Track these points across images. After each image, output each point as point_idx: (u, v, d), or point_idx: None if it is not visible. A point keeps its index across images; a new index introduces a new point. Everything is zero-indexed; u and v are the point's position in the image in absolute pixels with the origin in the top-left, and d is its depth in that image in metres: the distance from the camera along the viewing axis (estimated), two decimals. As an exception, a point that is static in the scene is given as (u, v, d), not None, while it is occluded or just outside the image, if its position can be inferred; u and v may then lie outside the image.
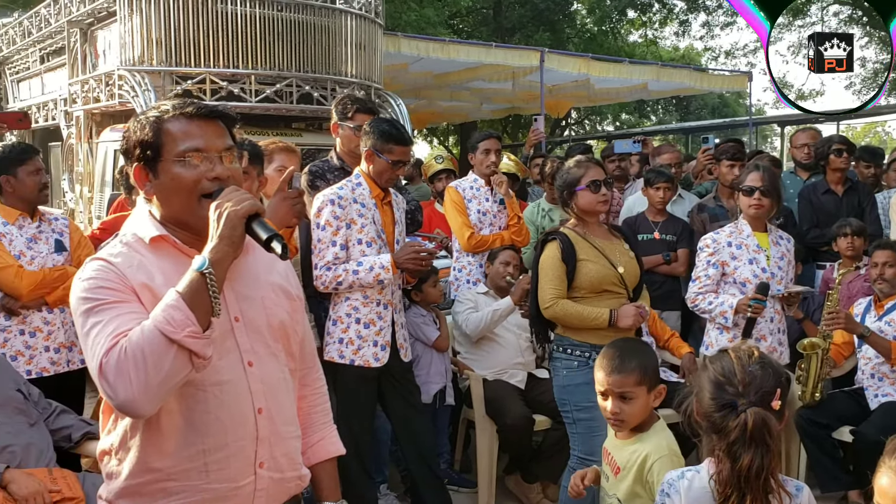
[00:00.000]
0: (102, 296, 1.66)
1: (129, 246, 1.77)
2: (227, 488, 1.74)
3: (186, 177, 1.73)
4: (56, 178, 8.87)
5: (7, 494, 2.86)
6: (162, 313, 1.57)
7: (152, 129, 1.76)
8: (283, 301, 1.90)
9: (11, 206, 3.87)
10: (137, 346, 1.56)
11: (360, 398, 3.73)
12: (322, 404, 2.11)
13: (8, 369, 3.39)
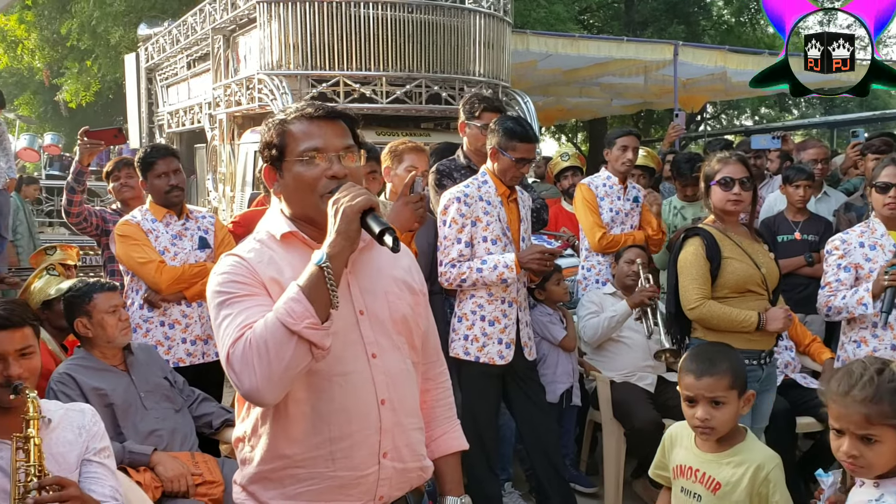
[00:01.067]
0: (234, 289, 1.75)
1: (261, 242, 1.86)
2: (352, 476, 1.79)
3: (307, 175, 1.80)
4: (201, 178, 9.38)
5: (154, 475, 3.04)
6: (283, 306, 1.64)
7: (277, 130, 1.85)
8: (406, 295, 1.93)
9: (159, 203, 4.10)
10: (261, 337, 1.64)
11: (484, 395, 3.74)
12: (446, 399, 2.12)
13: (157, 358, 3.60)
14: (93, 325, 3.27)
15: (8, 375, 2.27)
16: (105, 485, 2.41)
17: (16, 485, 2.15)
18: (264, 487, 1.83)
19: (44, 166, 14.49)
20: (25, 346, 2.33)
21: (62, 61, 18.43)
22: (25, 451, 2.18)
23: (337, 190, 1.75)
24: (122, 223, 4.02)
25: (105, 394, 3.18)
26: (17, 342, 2.31)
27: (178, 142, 10.29)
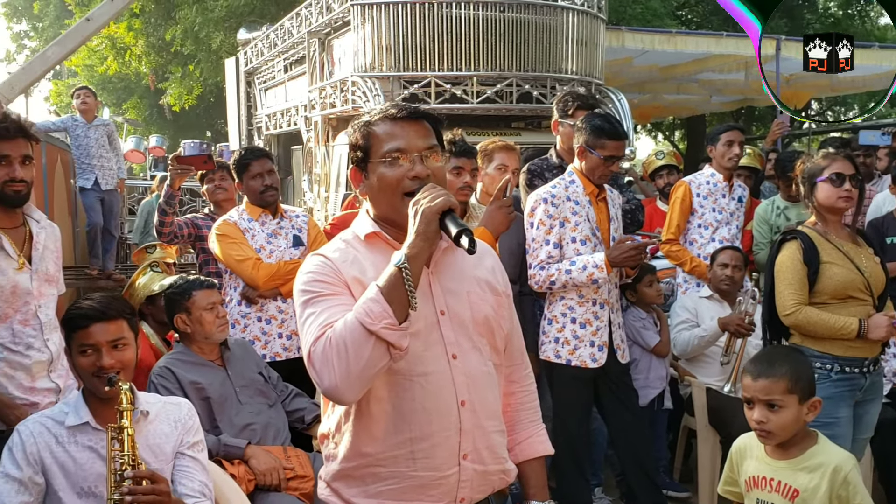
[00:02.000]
0: (318, 288, 1.78)
1: (347, 242, 1.89)
2: (433, 477, 1.79)
3: (390, 176, 1.82)
4: (297, 179, 9.59)
5: (248, 468, 3.12)
6: (362, 306, 1.66)
7: (362, 132, 1.87)
8: (489, 296, 1.92)
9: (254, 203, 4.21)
10: (340, 336, 1.66)
11: (575, 399, 3.69)
12: (531, 402, 2.10)
13: (252, 353, 3.69)
14: (191, 321, 3.37)
15: (100, 366, 2.35)
16: (195, 479, 2.48)
17: (111, 472, 2.23)
18: (347, 484, 1.85)
19: (149, 167, 15.11)
20: (119, 338, 2.40)
21: (167, 66, 19.21)
22: (120, 441, 2.26)
23: (419, 191, 1.75)
24: (221, 223, 4.14)
25: (202, 387, 3.28)
26: (111, 334, 2.39)
27: (275, 144, 10.55)
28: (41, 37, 25.48)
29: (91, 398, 2.44)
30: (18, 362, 2.90)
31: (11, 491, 2.31)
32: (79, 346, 2.39)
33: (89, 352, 2.38)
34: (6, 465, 2.34)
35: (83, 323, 2.38)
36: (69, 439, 2.39)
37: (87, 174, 7.86)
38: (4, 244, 2.89)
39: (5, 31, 28.65)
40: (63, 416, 2.42)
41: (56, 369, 3.03)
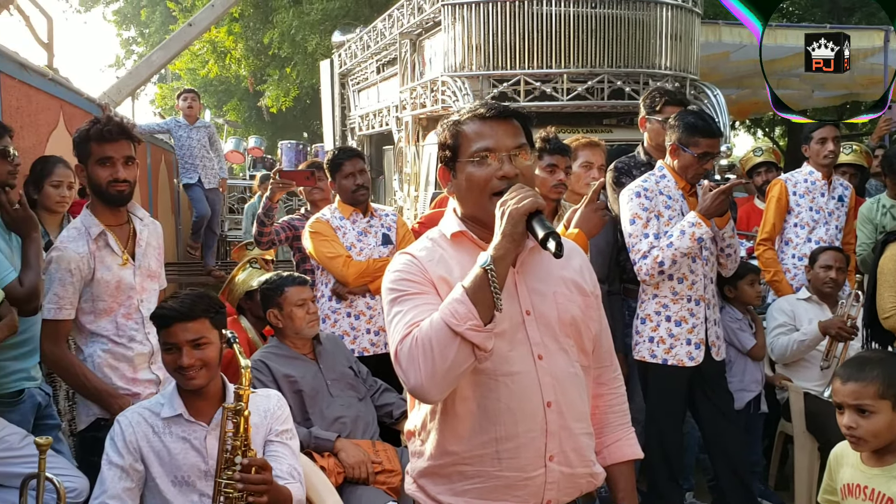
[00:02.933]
0: (405, 287, 1.80)
1: (433, 241, 1.90)
2: (518, 478, 1.78)
3: (478, 175, 1.81)
4: (388, 179, 9.72)
5: (337, 461, 3.19)
6: (448, 307, 1.66)
7: (451, 131, 1.88)
8: (576, 297, 1.90)
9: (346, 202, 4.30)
10: (426, 335, 1.67)
11: (670, 400, 3.61)
12: (620, 405, 2.07)
13: (343, 348, 3.78)
14: (283, 316, 3.47)
15: (180, 365, 2.45)
16: (284, 462, 2.55)
17: (222, 452, 2.32)
18: (433, 482, 1.86)
19: (248, 167, 15.58)
20: (199, 337, 2.48)
21: (265, 69, 19.76)
22: (235, 424, 2.34)
23: (507, 191, 1.75)
24: (314, 220, 4.26)
25: (295, 380, 3.37)
26: (191, 333, 2.47)
27: (367, 144, 10.71)
28: (147, 42, 26.58)
29: (184, 392, 2.55)
30: (122, 354, 3.04)
31: (115, 477, 2.43)
32: (163, 344, 2.51)
33: (172, 350, 2.48)
34: (109, 453, 2.47)
35: (166, 322, 2.48)
36: (164, 430, 2.50)
37: (190, 173, 8.19)
38: (110, 241, 3.04)
39: (115, 37, 29.84)
40: (159, 408, 2.53)
41: (156, 361, 3.16)
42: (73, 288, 2.96)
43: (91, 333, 3.03)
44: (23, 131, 4.20)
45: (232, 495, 2.25)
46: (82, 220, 3.06)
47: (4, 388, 3.05)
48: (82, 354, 3.04)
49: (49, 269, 2.97)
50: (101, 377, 2.99)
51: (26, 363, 3.14)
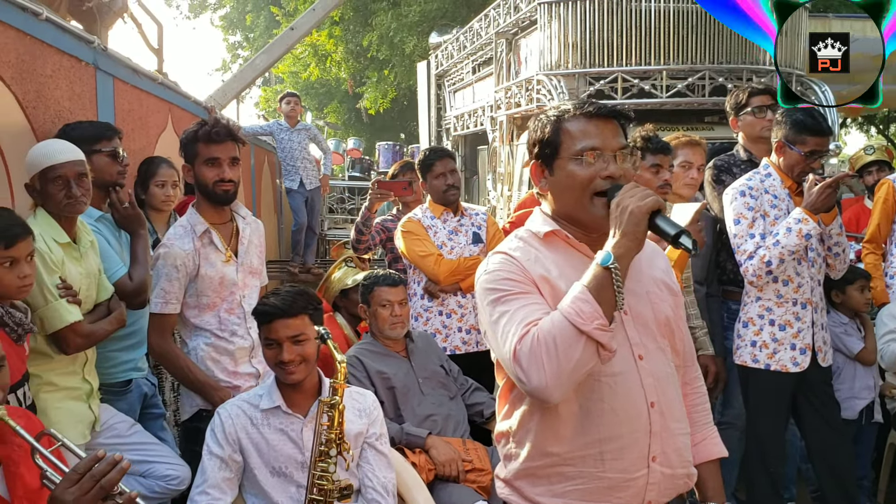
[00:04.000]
0: (508, 287, 1.77)
1: (523, 240, 1.88)
2: (621, 479, 1.76)
3: (581, 174, 1.78)
4: (482, 179, 9.74)
5: (428, 458, 3.22)
6: (571, 305, 1.63)
7: (553, 128, 1.84)
8: (667, 296, 1.88)
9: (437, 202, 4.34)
10: (549, 334, 1.63)
11: (773, 407, 3.48)
12: (703, 403, 2.05)
13: (435, 347, 3.81)
14: (370, 313, 3.54)
15: (280, 360, 2.52)
16: (379, 475, 2.61)
17: (317, 445, 2.38)
18: (531, 483, 1.84)
19: (347, 168, 15.90)
20: (299, 333, 2.55)
21: (364, 72, 20.11)
22: (329, 417, 2.40)
23: (612, 191, 1.72)
24: (406, 220, 4.32)
25: (388, 377, 3.42)
26: (292, 330, 2.55)
27: (462, 144, 10.76)
28: (252, 46, 27.40)
29: (284, 385, 2.62)
30: (224, 348, 3.15)
31: (215, 467, 2.53)
32: (264, 339, 2.59)
33: (273, 345, 2.55)
34: (209, 444, 2.57)
35: (267, 318, 2.56)
36: (263, 421, 2.58)
37: (292, 175, 8.42)
38: (214, 239, 3.15)
39: (222, 42, 30.89)
40: (258, 400, 2.62)
41: (257, 355, 3.26)
42: (178, 283, 3.08)
43: (195, 327, 3.15)
44: (134, 133, 4.41)
45: (326, 487, 2.30)
46: (188, 219, 3.18)
47: (113, 377, 3.21)
48: (186, 347, 3.17)
49: (156, 265, 3.11)
50: (204, 370, 3.11)
51: (134, 354, 3.30)
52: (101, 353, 3.08)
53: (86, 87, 3.76)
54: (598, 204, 1.74)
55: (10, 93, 3.03)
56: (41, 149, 2.83)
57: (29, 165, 2.80)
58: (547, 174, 1.86)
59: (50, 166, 2.77)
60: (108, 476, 1.68)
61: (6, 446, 1.91)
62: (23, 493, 1.88)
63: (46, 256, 2.69)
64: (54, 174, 2.77)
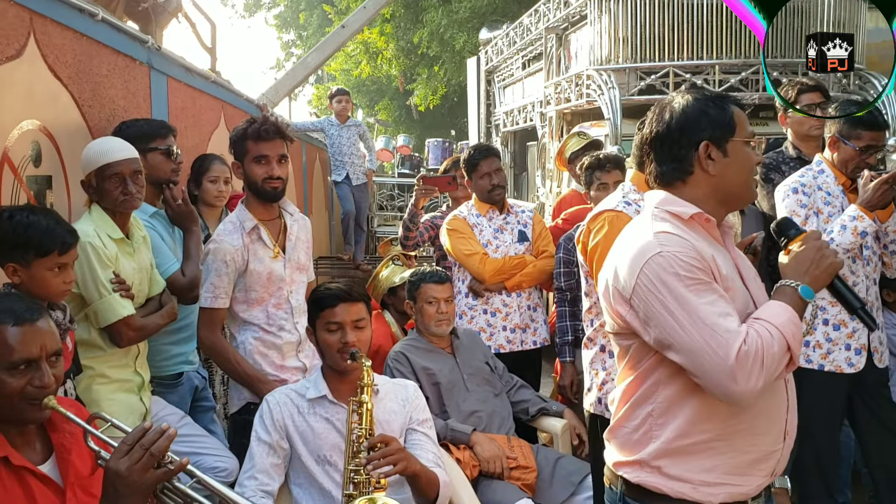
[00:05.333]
0: (700, 275, 1.79)
1: (671, 224, 1.88)
2: (767, 452, 1.86)
3: (752, 158, 1.93)
4: (531, 175, 9.70)
5: (473, 454, 3.22)
6: (787, 327, 1.75)
7: (728, 110, 1.92)
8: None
9: (483, 200, 4.33)
10: (770, 345, 1.72)
11: (827, 409, 3.40)
12: None
13: (480, 343, 3.81)
14: (416, 310, 3.55)
15: (345, 342, 2.56)
16: (427, 450, 2.64)
17: (350, 443, 2.42)
18: (676, 461, 1.86)
19: (396, 165, 15.98)
20: (360, 318, 2.62)
21: (414, 68, 20.16)
22: (359, 414, 2.44)
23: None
24: (452, 218, 4.32)
25: (433, 373, 3.43)
26: (354, 314, 2.61)
27: (511, 141, 10.72)
28: (305, 45, 27.70)
29: (329, 374, 2.66)
30: (271, 342, 3.20)
31: (263, 453, 2.58)
32: (325, 324, 2.62)
33: (335, 329, 2.59)
34: (258, 430, 2.62)
35: (331, 302, 2.61)
36: (309, 410, 2.62)
37: (339, 170, 8.53)
38: (262, 235, 3.20)
39: (276, 40, 31.33)
40: (304, 390, 2.66)
41: (304, 350, 3.30)
42: (227, 278, 3.14)
43: (244, 322, 3.21)
44: (187, 131, 4.50)
45: (359, 479, 2.34)
46: (237, 215, 3.24)
47: (165, 370, 3.29)
48: (235, 341, 3.22)
49: (206, 260, 3.17)
50: (252, 363, 3.16)
51: (185, 348, 3.37)
52: (153, 346, 3.16)
53: (140, 86, 3.85)
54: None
55: (68, 92, 3.12)
56: (98, 147, 2.91)
57: (85, 163, 2.88)
58: (715, 155, 1.89)
59: (106, 164, 2.85)
60: (157, 444, 1.75)
61: (57, 434, 1.98)
62: (74, 479, 1.94)
63: (101, 252, 2.76)
64: (111, 172, 2.85)
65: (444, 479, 2.57)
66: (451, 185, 4.89)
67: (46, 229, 2.40)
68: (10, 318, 1.86)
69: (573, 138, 5.80)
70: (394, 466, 2.36)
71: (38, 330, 1.90)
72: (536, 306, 4.25)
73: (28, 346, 1.86)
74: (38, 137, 2.90)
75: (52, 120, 2.99)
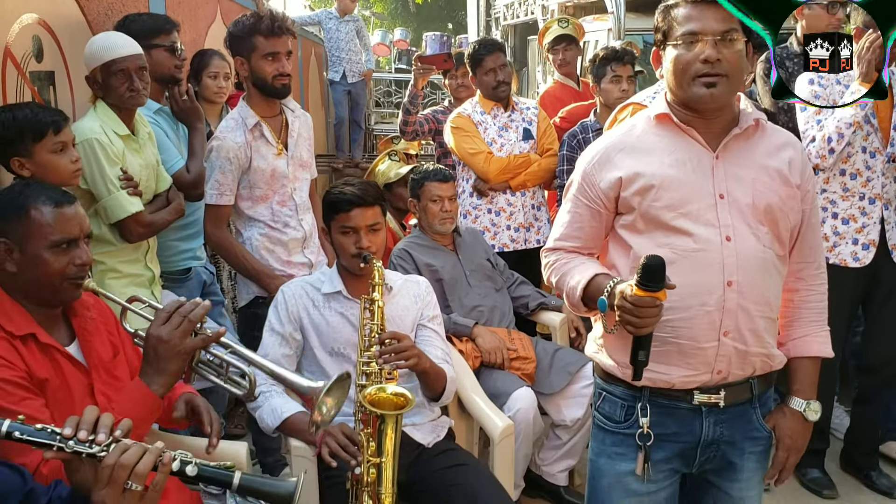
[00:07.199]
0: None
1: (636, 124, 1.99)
2: (690, 346, 1.87)
3: (683, 58, 1.84)
4: (532, 71, 9.56)
5: (475, 346, 3.33)
6: (569, 286, 2.00)
7: (662, 14, 1.92)
8: (778, 186, 1.90)
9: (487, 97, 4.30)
10: (559, 280, 2.06)
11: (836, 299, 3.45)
12: (817, 302, 2.06)
13: (481, 241, 3.86)
14: (420, 208, 3.58)
15: (360, 247, 2.60)
16: (436, 346, 2.74)
17: (362, 338, 2.50)
18: (610, 343, 1.99)
19: (393, 60, 15.68)
20: (375, 222, 2.64)
21: (411, -41, 19.50)
22: (371, 311, 2.52)
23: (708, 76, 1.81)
24: (456, 115, 4.28)
25: (436, 269, 3.50)
26: (369, 218, 2.63)
27: (511, 34, 10.53)
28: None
29: (344, 272, 2.72)
30: (277, 238, 3.25)
31: (275, 343, 2.66)
32: (340, 227, 2.64)
33: (350, 233, 2.63)
34: (271, 321, 2.70)
35: (346, 207, 2.62)
36: (324, 304, 2.69)
37: (336, 67, 8.36)
38: (265, 132, 3.20)
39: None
40: (320, 283, 2.73)
41: (309, 246, 3.36)
42: (231, 175, 3.16)
43: (249, 218, 3.25)
44: (183, 26, 4.41)
45: (370, 370, 2.43)
46: (239, 112, 3.23)
47: (174, 266, 3.35)
48: (241, 237, 3.27)
49: (210, 157, 3.18)
50: (259, 259, 3.22)
51: (192, 244, 3.42)
52: (162, 242, 3.20)
53: (136, -21, 3.76)
54: (699, 86, 1.81)
55: (65, -15, 3.06)
56: (102, 42, 2.87)
57: (89, 58, 2.85)
58: (663, 60, 1.92)
59: (112, 60, 2.82)
60: (194, 311, 1.91)
61: (79, 319, 2.07)
62: (98, 361, 2.04)
63: (108, 148, 2.77)
64: (116, 68, 2.82)
65: (451, 375, 2.67)
66: (448, 61, 4.84)
67: (34, 114, 2.42)
68: (49, 200, 1.95)
69: (554, 24, 5.57)
70: (405, 362, 2.45)
71: (75, 210, 2.00)
72: (540, 205, 4.27)
73: (68, 226, 1.96)
74: (39, 32, 2.87)
75: (51, 13, 2.94)
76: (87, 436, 1.34)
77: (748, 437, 1.98)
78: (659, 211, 1.86)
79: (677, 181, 1.86)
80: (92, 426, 1.35)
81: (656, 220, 1.87)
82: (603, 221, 1.98)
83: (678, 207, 1.85)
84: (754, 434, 1.98)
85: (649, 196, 1.86)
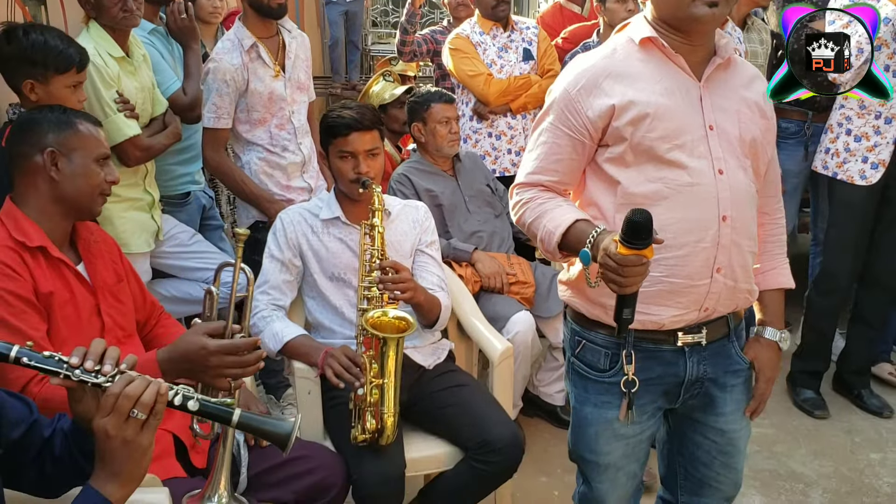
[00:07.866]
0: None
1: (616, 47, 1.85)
2: (684, 285, 1.81)
3: None
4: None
5: (474, 270, 3.35)
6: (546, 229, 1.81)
7: None
8: (757, 118, 1.85)
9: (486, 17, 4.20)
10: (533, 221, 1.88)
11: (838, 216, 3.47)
12: (779, 235, 2.06)
13: (481, 166, 3.83)
14: (426, 131, 3.54)
15: (359, 172, 2.58)
16: (433, 273, 2.75)
17: (363, 263, 2.51)
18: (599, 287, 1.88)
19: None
20: (374, 147, 2.61)
21: None
22: (371, 237, 2.52)
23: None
24: (454, 36, 4.19)
25: (435, 195, 3.49)
26: (367, 143, 2.59)
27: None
28: None
29: (342, 198, 2.71)
30: (276, 162, 3.23)
31: (275, 269, 2.68)
32: (338, 152, 2.62)
33: (348, 158, 2.60)
34: (271, 247, 2.71)
35: (344, 131, 2.58)
36: (323, 230, 2.69)
37: (331, -17, 8.17)
38: (262, 53, 3.15)
39: None
40: (318, 210, 2.72)
41: (308, 170, 3.34)
42: (229, 98, 3.12)
43: (247, 142, 3.23)
44: (176, -58, 4.29)
45: (371, 295, 2.46)
46: (235, 33, 3.17)
47: (172, 189, 3.34)
48: (240, 161, 3.26)
49: (206, 79, 3.14)
50: (258, 183, 3.21)
51: (190, 168, 3.41)
52: (160, 166, 3.19)
53: None
54: (700, 5, 1.68)
55: None
56: (92, -41, 2.80)
57: (81, -23, 2.79)
58: None
59: None
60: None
61: (83, 242, 2.10)
62: (102, 283, 2.08)
63: (103, 71, 2.73)
64: None
65: (445, 303, 2.69)
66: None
67: (65, 47, 2.42)
68: (87, 120, 2.05)
69: None
70: (402, 293, 2.45)
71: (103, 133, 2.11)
72: (542, 128, 4.22)
73: (104, 144, 2.08)
74: (28, -51, 2.79)
75: (39, -70, 2.86)
76: (94, 366, 1.35)
77: (729, 371, 1.96)
78: (653, 142, 1.74)
79: (671, 110, 1.75)
80: (99, 357, 1.36)
81: (649, 152, 1.75)
82: (585, 154, 1.83)
83: (673, 139, 1.74)
84: (734, 367, 1.97)
85: (643, 126, 1.73)
